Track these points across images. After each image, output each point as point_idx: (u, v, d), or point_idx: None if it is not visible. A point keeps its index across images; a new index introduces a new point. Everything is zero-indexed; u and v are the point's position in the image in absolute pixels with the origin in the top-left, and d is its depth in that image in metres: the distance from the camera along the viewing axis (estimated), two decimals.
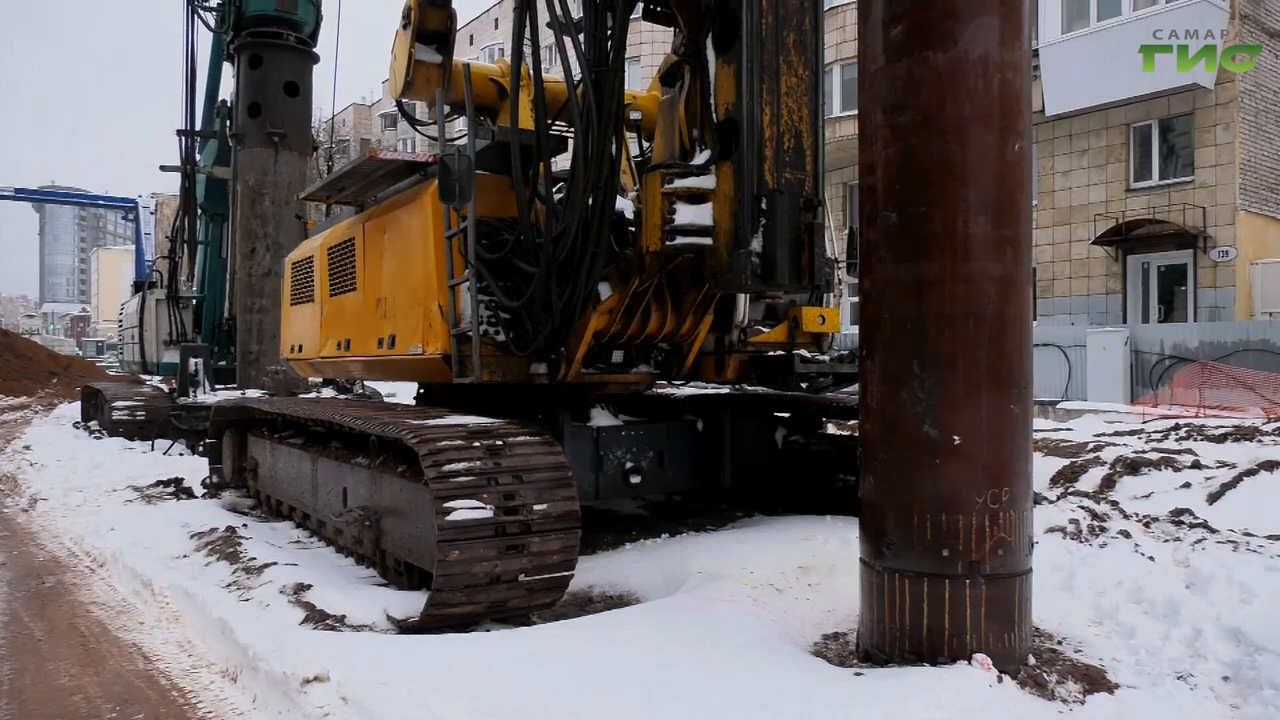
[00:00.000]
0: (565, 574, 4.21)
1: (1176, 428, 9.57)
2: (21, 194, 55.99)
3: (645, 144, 6.42)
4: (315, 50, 13.78)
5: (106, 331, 77.18)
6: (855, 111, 3.86)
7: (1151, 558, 4.45)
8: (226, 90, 15.06)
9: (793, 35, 4.64)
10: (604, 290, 4.84)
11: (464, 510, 3.94)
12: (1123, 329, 17.17)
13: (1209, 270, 18.48)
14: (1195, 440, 8.41)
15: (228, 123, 14.31)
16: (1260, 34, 18.95)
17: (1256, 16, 18.85)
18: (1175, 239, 18.77)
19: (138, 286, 20.23)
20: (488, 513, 3.97)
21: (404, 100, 6.47)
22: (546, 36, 5.06)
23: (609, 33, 4.65)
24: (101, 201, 60.96)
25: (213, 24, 14.59)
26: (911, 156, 3.49)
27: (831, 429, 6.71)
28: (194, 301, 15.52)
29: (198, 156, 15.21)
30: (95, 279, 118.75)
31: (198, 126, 15.30)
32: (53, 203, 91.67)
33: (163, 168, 15.70)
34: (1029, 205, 3.61)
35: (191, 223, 15.37)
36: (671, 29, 5.26)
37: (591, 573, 4.93)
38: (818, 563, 4.69)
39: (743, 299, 5.48)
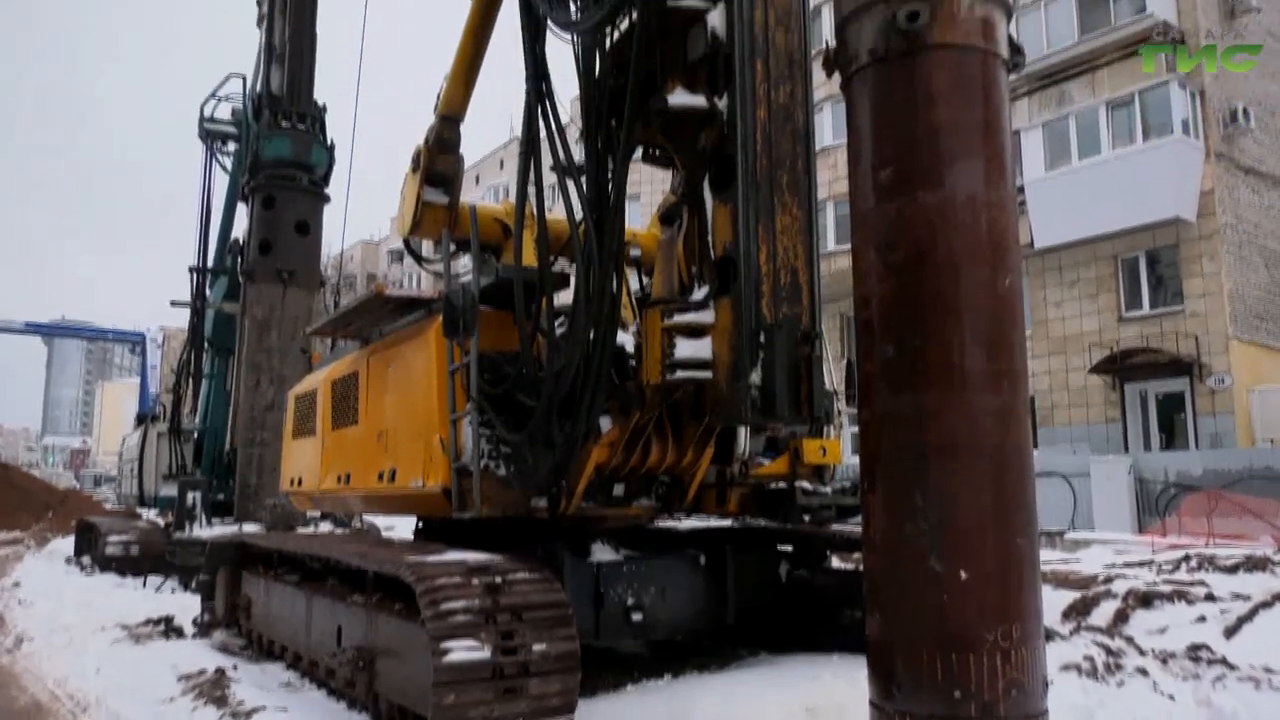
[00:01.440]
0: (564, 718, 4.06)
1: (1187, 558, 9.40)
2: (32, 328, 56.93)
3: (645, 280, 6.58)
4: (326, 191, 14.30)
5: (106, 464, 76.75)
6: (849, 246, 3.98)
7: (1171, 696, 4.30)
8: (239, 228, 15.57)
9: (786, 177, 4.83)
10: (605, 423, 4.86)
11: (461, 651, 3.83)
12: (1125, 457, 17.10)
13: (1207, 398, 18.56)
14: (1207, 571, 8.25)
15: (239, 259, 14.70)
16: (1235, 170, 19.68)
17: (1230, 155, 19.62)
18: (1171, 367, 18.93)
19: (141, 419, 20.30)
20: (485, 654, 3.86)
21: (411, 239, 6.67)
22: (549, 177, 5.26)
23: (610, 175, 4.84)
24: (110, 335, 61.86)
25: (229, 167, 15.19)
26: (905, 292, 3.58)
27: (836, 562, 6.59)
28: (195, 434, 15.54)
29: (208, 292, 15.56)
30: (98, 411, 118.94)
31: (210, 264, 15.71)
32: (62, 336, 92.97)
33: (173, 303, 16.03)
34: (1023, 337, 3.68)
35: (198, 357, 15.58)
36: (670, 170, 5.48)
37: (591, 716, 4.74)
38: (826, 704, 4.53)
39: (743, 431, 5.49)
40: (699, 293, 4.82)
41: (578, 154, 5.07)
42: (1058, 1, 20.78)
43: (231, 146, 15.39)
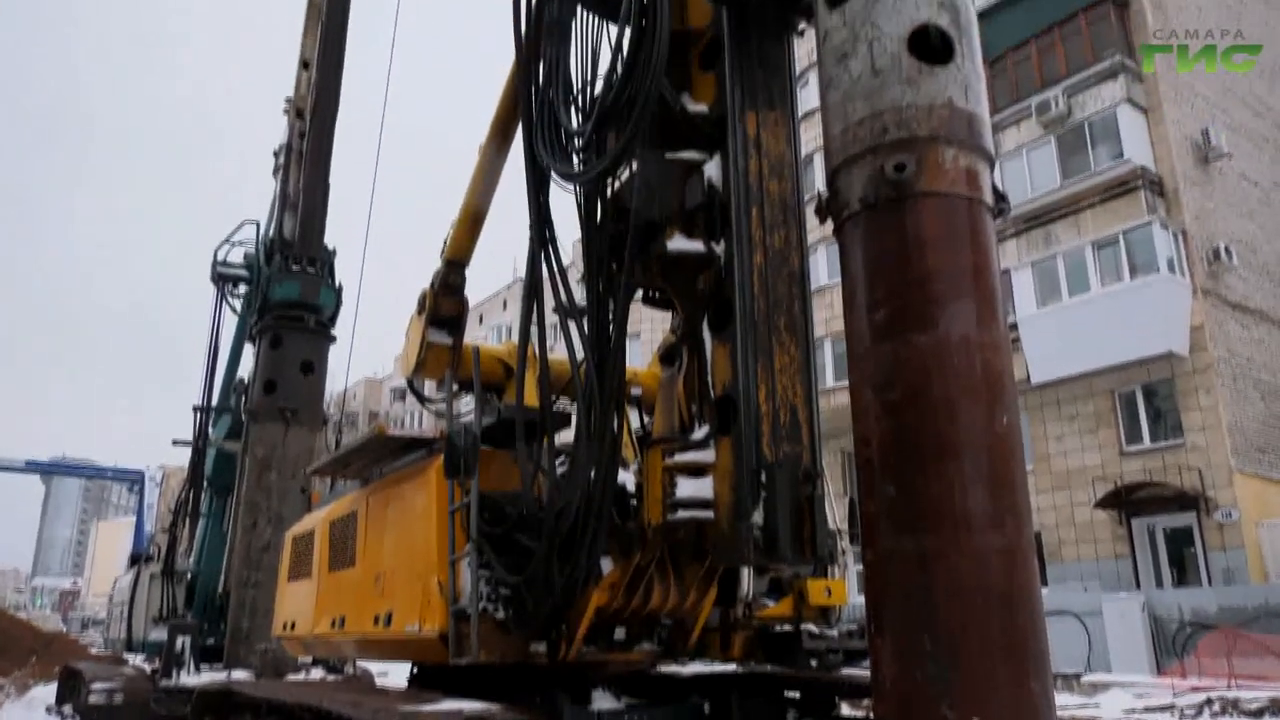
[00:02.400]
0: None
1: (1209, 701, 9.08)
2: (31, 466, 56.76)
3: (646, 418, 6.62)
4: (333, 332, 14.54)
5: (96, 606, 74.76)
6: (847, 382, 4.05)
7: None
8: (244, 368, 15.75)
9: (784, 318, 4.93)
10: (606, 565, 4.79)
11: None
12: (1138, 594, 16.72)
13: (1215, 532, 18.30)
14: (1231, 715, 7.97)
15: (243, 398, 14.81)
16: (1223, 305, 20.08)
17: (1217, 291, 20.07)
18: (1177, 501, 18.76)
19: (134, 559, 19.97)
20: None
21: (415, 379, 6.75)
22: (551, 318, 5.38)
23: (610, 316, 4.95)
24: (110, 474, 61.55)
25: (239, 309, 15.53)
26: (904, 431, 3.61)
27: (846, 709, 6.35)
28: (189, 575, 15.24)
29: (211, 431, 15.58)
30: (91, 551, 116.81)
31: (214, 403, 15.79)
32: (61, 475, 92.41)
33: (175, 441, 16.05)
34: (1024, 475, 3.68)
35: (196, 496, 15.46)
36: (669, 311, 5.60)
37: None
38: None
39: (746, 572, 5.41)
40: (699, 432, 4.84)
41: (579, 296, 5.20)
42: (1040, 149, 21.75)
43: (242, 289, 15.77)
